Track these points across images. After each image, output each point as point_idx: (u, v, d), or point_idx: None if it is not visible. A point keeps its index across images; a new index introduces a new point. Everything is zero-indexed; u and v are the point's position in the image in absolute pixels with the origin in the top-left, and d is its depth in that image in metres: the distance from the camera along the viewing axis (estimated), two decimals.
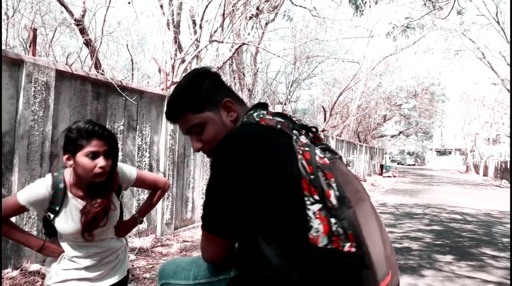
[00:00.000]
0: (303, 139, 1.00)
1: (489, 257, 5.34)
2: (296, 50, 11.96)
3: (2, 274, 3.51)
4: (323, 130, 14.79)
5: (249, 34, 9.25)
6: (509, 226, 7.98)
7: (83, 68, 4.70)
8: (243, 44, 6.63)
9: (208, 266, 1.20)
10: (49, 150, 3.95)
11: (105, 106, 4.69)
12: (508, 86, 18.47)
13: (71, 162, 1.45)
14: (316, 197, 0.92)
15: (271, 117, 1.06)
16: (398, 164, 49.63)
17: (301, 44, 11.18)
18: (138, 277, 3.96)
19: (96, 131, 1.43)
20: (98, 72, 4.92)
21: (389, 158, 43.94)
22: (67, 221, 1.51)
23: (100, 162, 1.42)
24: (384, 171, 26.03)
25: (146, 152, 5.39)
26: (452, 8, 6.25)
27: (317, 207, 0.92)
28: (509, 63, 18.00)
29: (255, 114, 1.09)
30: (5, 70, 3.62)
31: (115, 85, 4.58)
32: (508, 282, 4.24)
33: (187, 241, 5.62)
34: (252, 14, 9.82)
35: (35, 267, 3.75)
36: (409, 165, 50.74)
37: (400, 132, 34.67)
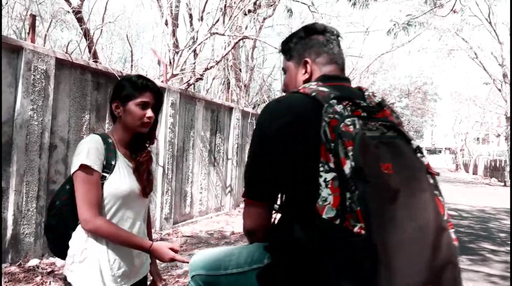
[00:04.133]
0: (338, 108, 0.94)
1: (488, 251, 5.37)
2: None
3: None
4: None
5: (246, 28, 9.15)
6: (504, 221, 8.06)
7: (82, 58, 4.57)
8: (245, 37, 6.55)
9: (239, 255, 1.14)
10: (48, 140, 3.83)
11: (105, 97, 4.57)
12: (499, 86, 18.72)
13: (119, 110, 1.50)
14: (332, 165, 0.88)
15: (312, 87, 1.04)
16: None
17: None
18: None
19: (149, 85, 1.50)
20: (96, 62, 4.80)
21: None
22: (121, 177, 1.47)
23: (149, 112, 1.49)
24: None
25: None
26: (454, 5, 6.26)
27: (330, 175, 0.88)
28: (500, 63, 18.23)
29: (305, 84, 1.09)
30: (3, 57, 3.48)
31: (116, 75, 4.46)
32: (509, 275, 4.26)
33: (187, 236, 5.53)
34: (249, 10, 9.73)
35: (33, 262, 3.63)
36: None
37: None
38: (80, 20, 5.25)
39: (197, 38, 7.29)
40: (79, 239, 1.45)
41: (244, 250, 1.15)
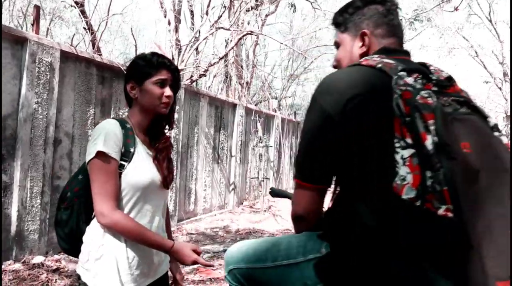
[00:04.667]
0: (409, 80, 0.86)
1: None
2: (294, 42, 11.83)
3: (3, 266, 3.30)
4: None
5: (248, 23, 9.05)
6: None
7: (87, 51, 4.47)
8: (250, 32, 6.46)
9: (289, 245, 1.04)
10: (53, 135, 3.73)
11: (110, 92, 4.48)
12: (500, 85, 18.73)
13: (134, 91, 1.38)
14: (409, 141, 0.80)
15: (376, 59, 0.95)
16: None
17: (302, 36, 11.06)
18: None
19: (165, 63, 1.38)
20: (100, 55, 4.70)
21: None
22: (141, 166, 1.34)
23: (167, 90, 1.37)
24: None
25: None
26: (461, 2, 6.23)
27: (408, 152, 0.79)
28: (501, 61, 18.23)
29: (366, 56, 1.00)
30: (7, 48, 3.38)
31: (122, 69, 4.36)
32: None
33: (192, 234, 5.44)
34: (251, 7, 9.64)
35: (38, 259, 3.53)
36: None
37: None
38: (83, 13, 5.15)
39: (199, 34, 7.20)
40: (95, 234, 1.33)
41: (293, 239, 1.05)
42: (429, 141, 0.77)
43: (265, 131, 9.21)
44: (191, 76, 6.83)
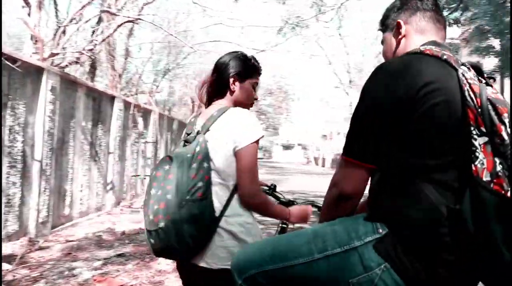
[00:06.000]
0: (471, 74, 0.96)
1: None
2: (167, 37, 11.52)
3: None
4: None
5: (121, 9, 8.46)
6: None
7: None
8: (137, 19, 6.01)
9: (335, 234, 1.00)
10: None
11: None
12: (348, 90, 21.89)
13: (235, 85, 1.49)
14: (483, 129, 0.90)
15: (436, 49, 1.01)
16: None
17: (177, 31, 10.83)
18: None
19: (260, 69, 1.57)
20: None
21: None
22: None
23: (256, 94, 1.58)
24: None
25: (19, 135, 4.35)
26: (336, 13, 7.07)
27: (483, 140, 0.89)
28: (347, 70, 21.28)
29: (424, 46, 1.04)
30: None
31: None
32: None
33: (72, 240, 4.80)
34: None
35: None
36: (258, 158, 54.73)
37: None
38: None
39: (75, 19, 6.37)
40: (245, 215, 1.38)
41: (337, 227, 1.01)
42: (504, 132, 0.88)
43: (143, 127, 8.73)
44: (60, 63, 6.00)
